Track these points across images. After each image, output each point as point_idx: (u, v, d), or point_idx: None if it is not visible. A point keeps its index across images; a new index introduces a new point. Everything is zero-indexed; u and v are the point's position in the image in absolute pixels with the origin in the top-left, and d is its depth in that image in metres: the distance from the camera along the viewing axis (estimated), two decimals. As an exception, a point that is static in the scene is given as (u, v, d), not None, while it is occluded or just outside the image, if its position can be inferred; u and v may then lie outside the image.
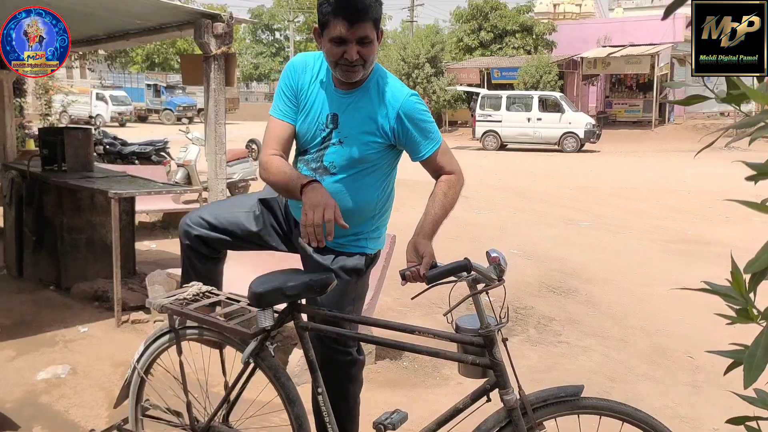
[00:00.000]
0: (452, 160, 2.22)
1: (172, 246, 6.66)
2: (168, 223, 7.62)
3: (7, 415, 3.18)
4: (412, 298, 2.15)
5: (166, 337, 2.36)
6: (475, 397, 1.91)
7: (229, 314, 2.26)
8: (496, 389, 1.86)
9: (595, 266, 6.56)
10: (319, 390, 2.09)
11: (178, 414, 2.41)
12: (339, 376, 2.28)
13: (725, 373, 1.13)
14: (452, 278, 1.88)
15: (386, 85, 2.13)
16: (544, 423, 1.89)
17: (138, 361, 2.42)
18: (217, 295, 2.39)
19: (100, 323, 4.43)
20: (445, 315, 1.90)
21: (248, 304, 2.24)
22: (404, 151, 2.23)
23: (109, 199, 4.34)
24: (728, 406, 2.84)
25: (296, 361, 3.56)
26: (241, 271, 4.10)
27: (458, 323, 1.92)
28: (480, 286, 1.86)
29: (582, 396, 1.88)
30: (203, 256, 2.38)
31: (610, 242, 7.80)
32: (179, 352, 2.31)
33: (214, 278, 2.47)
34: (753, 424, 1.10)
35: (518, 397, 1.85)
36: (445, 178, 2.20)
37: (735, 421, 1.10)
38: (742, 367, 0.99)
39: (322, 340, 2.24)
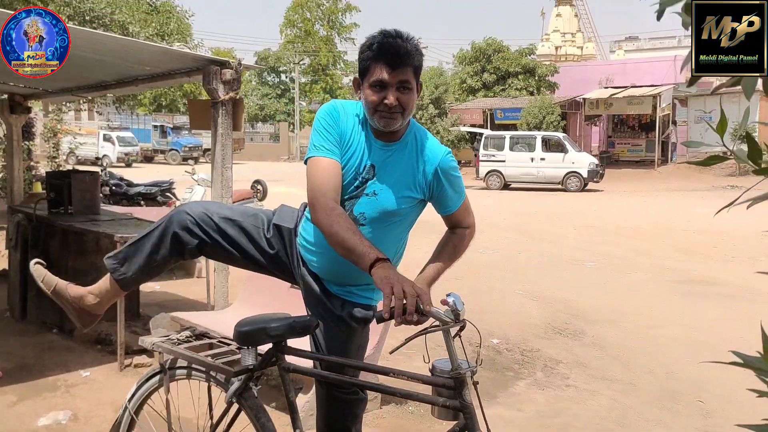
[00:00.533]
0: (470, 214, 2.25)
1: (176, 287, 6.65)
2: (173, 265, 7.60)
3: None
4: (406, 340, 2.15)
5: (157, 377, 2.39)
6: None
7: (219, 355, 2.28)
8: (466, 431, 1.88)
9: (601, 307, 6.50)
10: None
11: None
12: (345, 414, 2.28)
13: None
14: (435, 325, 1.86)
15: (424, 140, 2.14)
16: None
17: (129, 401, 2.43)
18: (210, 337, 2.40)
19: (103, 367, 4.39)
20: (391, 353, 1.92)
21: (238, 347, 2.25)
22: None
23: (114, 242, 4.35)
24: (741, 454, 2.78)
25: (301, 406, 3.51)
26: (244, 314, 4.08)
27: (434, 365, 1.94)
28: (453, 331, 1.87)
29: None
30: (181, 251, 2.21)
31: (615, 283, 7.76)
32: (167, 390, 2.32)
33: (159, 271, 2.37)
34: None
35: None
36: (460, 232, 2.23)
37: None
38: None
39: (326, 382, 2.24)
